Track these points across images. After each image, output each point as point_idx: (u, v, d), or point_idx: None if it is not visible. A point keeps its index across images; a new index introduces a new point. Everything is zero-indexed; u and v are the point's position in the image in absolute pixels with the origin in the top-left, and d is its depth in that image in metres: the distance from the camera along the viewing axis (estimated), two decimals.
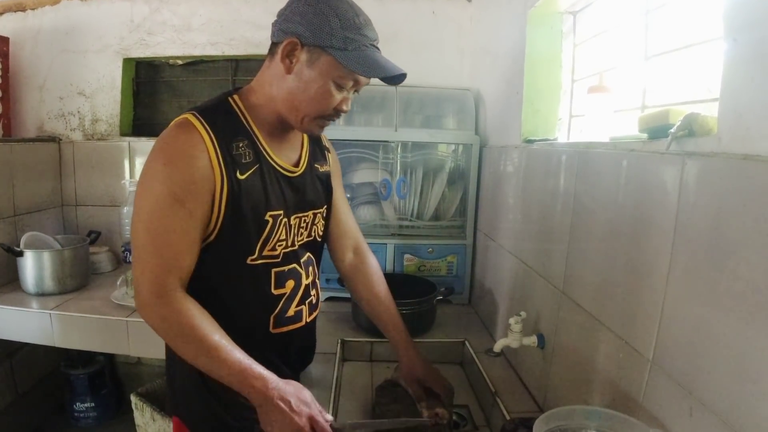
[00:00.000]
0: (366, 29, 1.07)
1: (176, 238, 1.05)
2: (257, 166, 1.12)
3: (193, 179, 1.04)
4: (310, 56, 1.07)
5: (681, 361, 0.84)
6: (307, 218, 1.26)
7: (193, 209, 1.04)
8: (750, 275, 0.70)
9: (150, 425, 2.25)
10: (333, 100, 1.11)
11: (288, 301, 1.22)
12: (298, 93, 1.10)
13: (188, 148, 1.04)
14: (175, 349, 1.07)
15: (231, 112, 1.14)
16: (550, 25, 1.62)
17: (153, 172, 1.05)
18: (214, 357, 1.02)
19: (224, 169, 1.06)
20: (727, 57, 0.78)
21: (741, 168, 0.72)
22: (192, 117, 1.07)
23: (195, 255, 1.09)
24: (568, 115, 1.64)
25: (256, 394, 1.03)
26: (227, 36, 2.52)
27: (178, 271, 1.06)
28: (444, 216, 2.26)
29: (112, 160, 2.61)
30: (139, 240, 1.06)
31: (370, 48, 1.08)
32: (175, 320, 1.03)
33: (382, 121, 2.23)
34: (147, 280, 1.04)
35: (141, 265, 1.05)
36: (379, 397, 1.38)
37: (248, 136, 1.13)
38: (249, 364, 1.04)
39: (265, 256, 1.16)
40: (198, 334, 1.03)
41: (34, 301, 2.08)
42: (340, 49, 1.04)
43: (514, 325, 1.41)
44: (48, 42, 2.58)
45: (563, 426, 0.90)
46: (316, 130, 1.17)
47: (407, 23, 2.46)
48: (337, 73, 1.07)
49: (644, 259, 0.96)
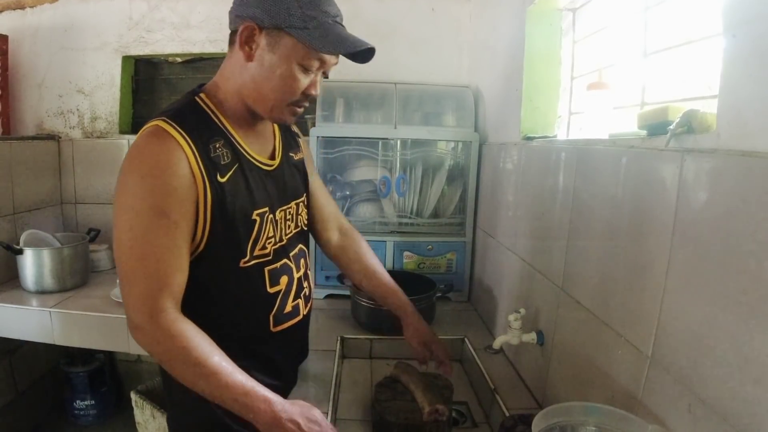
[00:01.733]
0: (326, 4, 1.02)
1: (164, 253, 0.99)
2: (237, 165, 1.08)
3: (174, 189, 0.98)
4: (270, 39, 1.02)
5: (680, 358, 0.84)
6: (291, 210, 1.24)
7: (177, 220, 0.99)
8: (749, 271, 0.70)
9: (150, 423, 2.25)
10: (299, 84, 1.05)
11: (284, 297, 1.22)
12: (262, 80, 1.05)
13: (166, 157, 0.98)
14: (172, 373, 1.01)
15: (201, 112, 1.09)
16: (550, 22, 1.62)
17: (130, 188, 0.99)
18: (214, 382, 0.97)
19: (205, 174, 1.01)
20: (726, 53, 0.78)
21: (740, 164, 0.72)
22: (164, 123, 1.00)
23: (185, 269, 1.04)
24: (567, 112, 1.64)
25: (262, 417, 0.98)
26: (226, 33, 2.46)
27: (170, 289, 1.00)
28: (443, 213, 2.26)
29: (112, 158, 2.61)
30: (124, 260, 1.00)
31: (333, 24, 1.02)
32: (170, 344, 0.98)
33: (382, 119, 2.23)
34: (137, 302, 0.99)
35: (129, 286, 1.00)
36: (378, 394, 1.38)
37: (223, 135, 1.08)
38: (252, 386, 0.99)
39: (256, 256, 1.13)
40: (195, 357, 0.97)
41: (33, 299, 2.08)
42: (300, 29, 0.99)
43: (514, 322, 1.41)
44: (47, 40, 2.57)
45: (562, 422, 0.90)
46: (288, 118, 1.12)
47: (406, 20, 2.45)
48: (300, 54, 1.02)
49: (643, 256, 0.96)
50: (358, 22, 1.17)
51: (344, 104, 2.25)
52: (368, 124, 2.23)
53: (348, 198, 2.25)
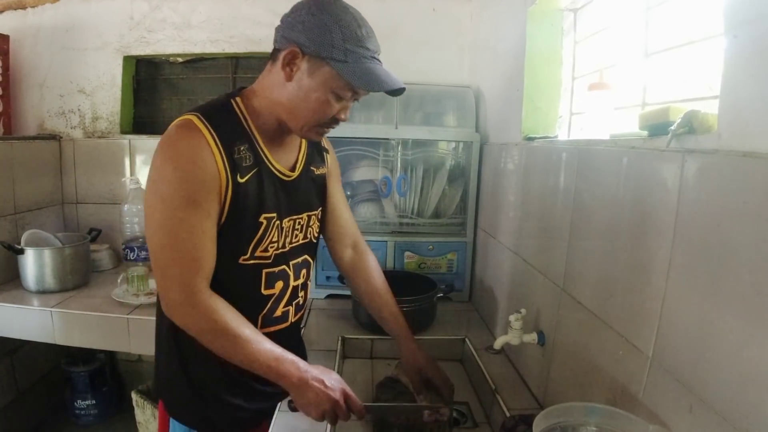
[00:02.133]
0: (367, 41, 1.07)
1: (199, 238, 1.07)
2: (256, 169, 1.14)
3: (203, 181, 1.05)
4: (311, 66, 1.07)
5: (681, 358, 0.84)
6: (301, 220, 1.28)
7: (209, 210, 1.07)
8: (750, 272, 0.70)
9: (151, 422, 2.25)
10: (332, 109, 1.12)
11: (276, 302, 1.26)
12: (298, 101, 1.11)
13: (195, 150, 1.05)
14: (209, 345, 1.10)
15: (233, 114, 1.15)
16: (551, 22, 1.62)
17: (163, 178, 1.06)
18: (248, 350, 1.07)
19: (228, 171, 1.08)
20: (727, 53, 0.78)
21: (741, 165, 0.72)
22: (195, 118, 1.07)
23: (215, 254, 1.11)
24: (568, 112, 1.64)
25: (290, 378, 1.08)
26: (227, 33, 2.51)
27: (203, 271, 1.09)
28: (444, 213, 2.26)
29: (113, 158, 2.61)
30: (162, 246, 1.07)
31: (371, 60, 1.08)
32: (208, 318, 1.07)
33: (383, 119, 2.23)
34: (175, 284, 1.07)
35: (165, 270, 1.07)
36: (379, 393, 1.38)
37: (249, 140, 1.14)
38: (281, 353, 1.10)
39: (257, 256, 1.18)
40: (230, 329, 1.07)
41: (34, 298, 2.08)
42: (340, 61, 1.05)
43: (514, 322, 1.41)
44: (48, 40, 2.57)
45: (563, 422, 0.91)
46: (315, 136, 1.20)
47: (407, 20, 2.45)
48: (336, 84, 1.08)
49: (644, 256, 0.96)
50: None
51: None
52: (369, 125, 2.23)
53: (349, 198, 2.25)
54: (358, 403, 1.12)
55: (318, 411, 1.09)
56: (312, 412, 1.09)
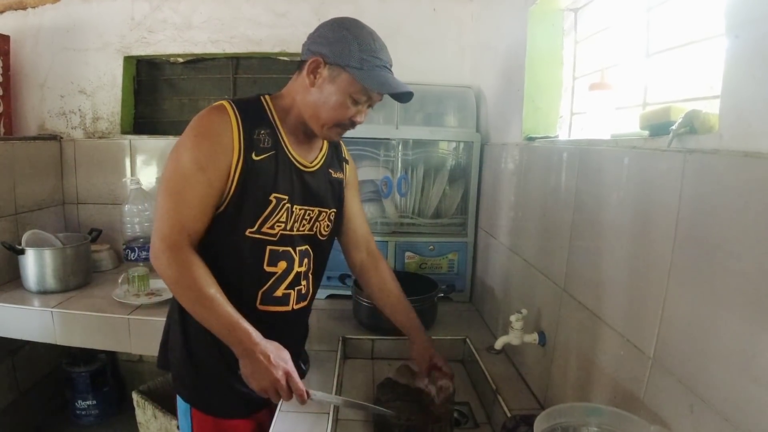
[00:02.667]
0: (380, 53, 1.23)
1: (194, 201, 1.19)
2: (273, 152, 1.26)
3: (215, 151, 1.19)
4: (331, 73, 1.22)
5: (682, 358, 0.84)
6: (312, 213, 1.36)
7: (212, 179, 1.19)
8: (751, 272, 0.70)
9: (152, 423, 2.25)
10: (349, 111, 1.26)
11: (277, 281, 1.32)
12: (320, 104, 1.25)
13: (217, 125, 1.20)
14: (176, 295, 1.21)
15: (261, 107, 1.30)
16: (552, 22, 1.62)
17: (184, 142, 1.20)
18: (208, 307, 1.15)
19: (243, 148, 1.21)
20: (728, 54, 0.78)
21: (742, 165, 0.72)
22: (226, 102, 1.24)
23: (207, 221, 1.22)
24: (569, 112, 1.64)
25: (240, 347, 1.15)
26: (228, 34, 2.51)
27: (190, 231, 1.19)
28: (445, 213, 2.26)
29: (114, 159, 2.62)
30: (163, 198, 1.20)
31: (383, 69, 1.23)
32: (180, 270, 1.16)
33: (384, 119, 2.23)
34: (162, 232, 1.18)
35: (161, 219, 1.19)
36: (380, 394, 1.38)
37: (271, 127, 1.28)
38: (237, 318, 1.16)
39: (263, 232, 1.27)
40: (198, 284, 1.15)
41: (35, 299, 2.08)
42: (357, 69, 1.19)
43: (515, 322, 1.41)
44: (49, 40, 2.58)
45: (564, 423, 0.90)
46: (335, 136, 1.33)
47: (408, 20, 2.45)
48: (353, 88, 1.22)
49: (645, 257, 0.96)
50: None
51: None
52: (370, 125, 2.22)
53: None
54: (300, 386, 1.15)
55: (258, 384, 1.14)
56: (253, 383, 1.15)
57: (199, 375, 1.32)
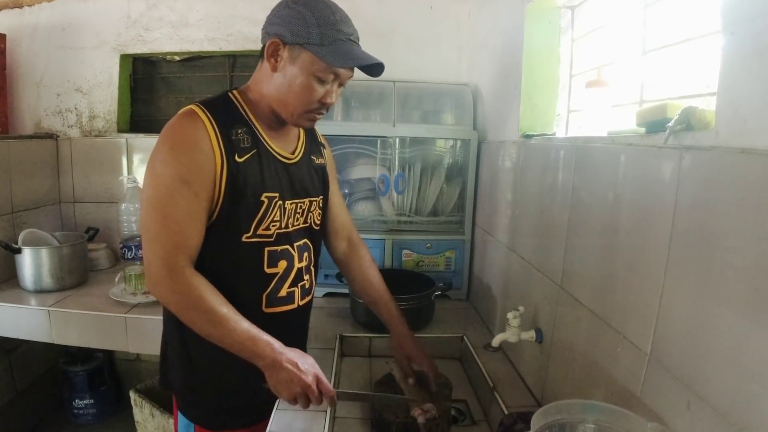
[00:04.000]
0: (342, 25, 1.14)
1: (184, 218, 1.12)
2: (255, 150, 1.21)
3: (197, 162, 1.12)
4: (292, 54, 1.15)
5: (679, 355, 0.84)
6: (303, 205, 1.33)
7: (198, 190, 1.12)
8: (748, 268, 0.70)
9: (149, 421, 2.25)
10: (316, 93, 1.18)
11: (280, 281, 1.29)
12: (284, 89, 1.18)
13: (192, 133, 1.13)
14: (186, 321, 1.15)
15: (230, 103, 1.23)
16: (548, 19, 1.62)
17: (160, 157, 1.13)
18: (223, 328, 1.11)
19: (224, 152, 1.14)
20: (724, 50, 0.78)
21: (738, 161, 0.72)
22: (195, 107, 1.16)
23: (201, 234, 1.16)
24: (566, 109, 1.64)
25: (264, 359, 1.12)
26: (224, 31, 2.51)
27: (187, 249, 1.14)
28: (442, 211, 2.26)
29: (110, 157, 2.61)
30: (149, 221, 1.13)
31: (347, 42, 1.15)
32: (185, 295, 1.11)
33: (380, 117, 2.23)
34: (158, 258, 1.11)
35: (151, 244, 1.13)
36: (377, 391, 1.38)
37: (246, 124, 1.21)
38: (256, 332, 1.13)
39: (259, 234, 1.22)
40: (207, 306, 1.11)
41: (32, 298, 2.08)
42: (316, 45, 1.12)
43: (513, 320, 1.41)
44: (45, 38, 2.57)
45: (561, 420, 0.90)
46: (306, 123, 1.25)
47: (405, 18, 2.45)
48: (316, 67, 1.14)
49: (642, 254, 0.96)
50: (357, 21, 1.20)
51: (343, 102, 2.25)
52: (367, 123, 2.23)
53: (347, 196, 2.25)
54: (329, 388, 1.15)
55: (290, 392, 1.12)
56: (284, 393, 1.13)
57: (204, 392, 1.29)
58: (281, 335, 1.21)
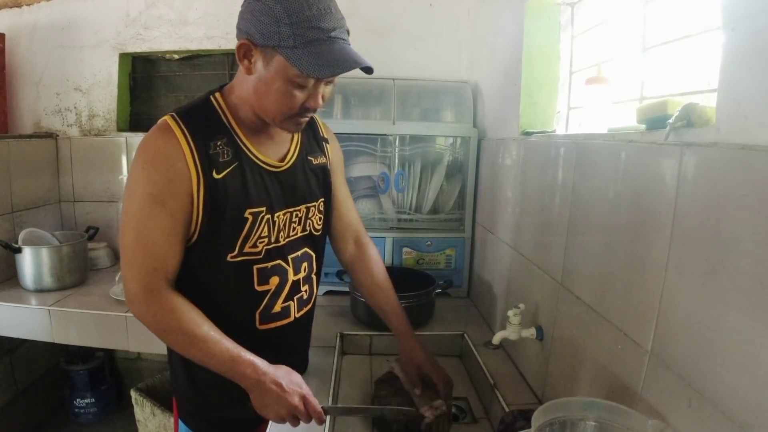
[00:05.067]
0: (319, 20, 0.98)
1: (159, 238, 1.07)
2: (236, 163, 1.12)
3: (171, 180, 1.05)
4: (264, 57, 1.03)
5: (680, 352, 0.84)
6: (299, 212, 1.25)
7: (173, 210, 1.06)
8: (748, 265, 0.69)
9: (150, 420, 2.25)
10: (296, 99, 1.05)
11: (273, 297, 1.23)
12: (262, 94, 1.07)
13: (164, 150, 1.05)
14: (166, 342, 1.12)
15: (211, 110, 1.14)
16: (548, 16, 1.62)
17: (135, 176, 1.07)
18: (203, 349, 1.07)
19: (200, 169, 1.07)
20: (725, 47, 0.78)
21: (739, 158, 0.72)
22: (170, 119, 1.08)
23: (179, 254, 1.11)
24: (566, 107, 1.64)
25: (247, 380, 1.07)
26: (224, 30, 2.50)
27: (164, 270, 1.08)
28: (442, 209, 2.26)
29: (110, 156, 2.61)
30: (126, 241, 1.08)
31: (327, 41, 0.99)
32: (163, 315, 1.07)
33: (380, 115, 2.23)
34: (135, 279, 1.07)
35: (128, 264, 1.08)
36: (378, 389, 1.38)
37: (227, 134, 1.12)
38: (238, 352, 1.08)
39: (245, 253, 1.16)
40: (186, 327, 1.07)
41: (32, 297, 2.08)
42: (289, 48, 0.98)
43: (513, 317, 1.41)
44: (44, 38, 2.56)
45: (562, 417, 0.90)
46: (293, 128, 1.14)
47: (404, 16, 2.44)
48: (292, 72, 1.01)
49: (643, 251, 0.96)
50: (356, 19, 1.16)
51: (342, 100, 2.25)
52: (366, 120, 2.22)
53: None
54: (316, 407, 1.10)
55: (275, 414, 1.09)
56: (270, 415, 1.09)
57: (205, 404, 1.27)
58: (279, 351, 1.20)
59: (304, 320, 1.35)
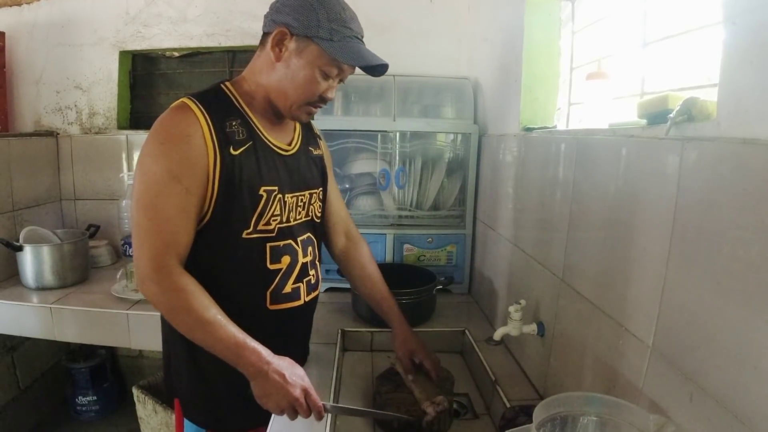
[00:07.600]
0: (351, 23, 1.13)
1: (174, 215, 1.08)
2: (251, 143, 1.17)
3: (188, 156, 1.08)
4: (298, 45, 1.13)
5: (681, 347, 0.84)
6: (303, 197, 1.30)
7: (189, 186, 1.09)
8: (749, 260, 0.69)
9: (152, 417, 2.26)
10: (318, 87, 1.17)
11: (284, 278, 1.26)
12: (286, 80, 1.16)
13: (184, 127, 1.09)
14: (172, 322, 1.11)
15: (223, 95, 1.20)
16: (549, 12, 1.61)
17: (150, 152, 1.09)
18: (209, 332, 1.07)
19: (217, 145, 1.11)
20: (726, 41, 0.77)
21: (740, 152, 0.72)
22: (187, 100, 1.14)
23: (191, 233, 1.12)
24: (566, 102, 1.64)
25: (250, 368, 1.07)
26: (223, 27, 2.50)
27: (176, 247, 1.10)
28: (443, 206, 2.26)
29: (110, 154, 2.61)
30: (139, 217, 1.09)
31: (354, 40, 1.14)
32: (172, 295, 1.07)
33: (381, 111, 2.22)
34: (146, 256, 1.08)
35: (140, 241, 1.09)
36: (379, 386, 1.38)
37: (240, 116, 1.18)
38: (243, 338, 1.08)
39: (260, 230, 1.19)
40: (194, 309, 1.06)
41: (34, 295, 2.09)
42: (326, 40, 1.10)
43: (514, 313, 1.41)
44: (44, 36, 2.57)
45: (563, 412, 0.90)
46: (304, 117, 1.23)
47: (405, 12, 2.44)
48: (323, 61, 1.13)
49: (644, 246, 0.95)
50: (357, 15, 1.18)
51: (343, 97, 2.25)
52: (367, 117, 2.22)
53: (347, 191, 2.24)
54: (317, 402, 1.10)
55: (275, 405, 1.08)
56: (270, 405, 1.09)
57: (213, 395, 1.26)
58: (286, 333, 1.21)
59: (311, 306, 1.38)
